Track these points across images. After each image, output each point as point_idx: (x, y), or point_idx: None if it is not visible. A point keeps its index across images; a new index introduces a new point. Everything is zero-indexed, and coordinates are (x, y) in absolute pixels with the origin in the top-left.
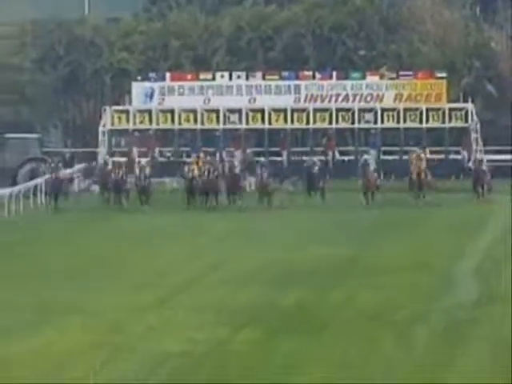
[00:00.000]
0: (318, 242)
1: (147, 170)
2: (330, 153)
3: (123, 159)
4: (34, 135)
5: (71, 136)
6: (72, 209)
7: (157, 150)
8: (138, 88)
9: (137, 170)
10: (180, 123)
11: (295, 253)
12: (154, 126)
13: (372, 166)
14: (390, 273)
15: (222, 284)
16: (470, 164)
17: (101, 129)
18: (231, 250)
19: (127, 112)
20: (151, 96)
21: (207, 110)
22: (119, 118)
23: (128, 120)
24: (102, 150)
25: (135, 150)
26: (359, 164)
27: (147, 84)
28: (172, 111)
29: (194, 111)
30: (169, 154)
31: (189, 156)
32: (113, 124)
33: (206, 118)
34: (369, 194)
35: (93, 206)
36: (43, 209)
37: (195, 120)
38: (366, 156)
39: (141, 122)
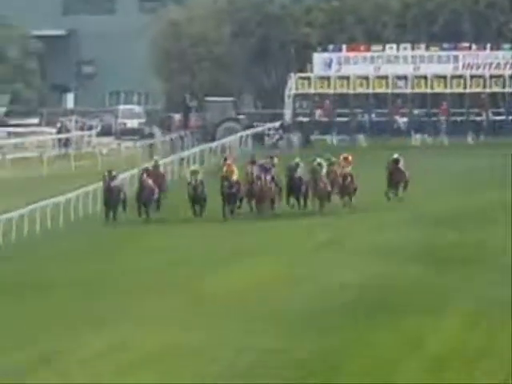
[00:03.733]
0: None
1: (199, 175)
2: (484, 113)
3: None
4: (230, 98)
5: (261, 99)
6: None
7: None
8: (318, 58)
9: (187, 175)
10: (354, 88)
11: None
12: (332, 90)
13: (324, 170)
14: None
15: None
16: None
17: (286, 93)
18: None
19: (309, 78)
20: (330, 65)
21: (378, 77)
22: (302, 84)
23: (310, 85)
24: (287, 112)
25: (318, 112)
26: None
27: (326, 54)
28: (347, 78)
29: (367, 78)
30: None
31: (363, 116)
32: (297, 89)
33: (376, 84)
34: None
35: None
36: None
37: (367, 85)
38: (297, 159)
39: (321, 87)
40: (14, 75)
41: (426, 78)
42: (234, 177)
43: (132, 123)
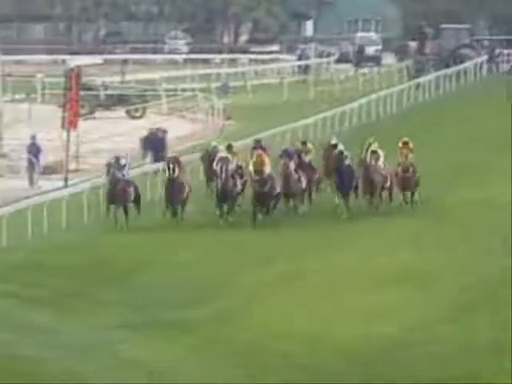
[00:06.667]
0: None
1: (231, 166)
2: None
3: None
4: (465, 25)
5: (496, 25)
6: None
7: None
8: None
9: (215, 165)
10: None
11: None
12: None
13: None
14: None
15: None
16: None
17: None
18: None
19: None
20: None
21: None
22: None
23: None
24: None
25: None
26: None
27: None
28: None
29: None
30: None
31: None
32: None
33: None
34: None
35: None
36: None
37: None
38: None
39: None
40: (255, 3)
41: None
42: (267, 170)
43: (369, 50)
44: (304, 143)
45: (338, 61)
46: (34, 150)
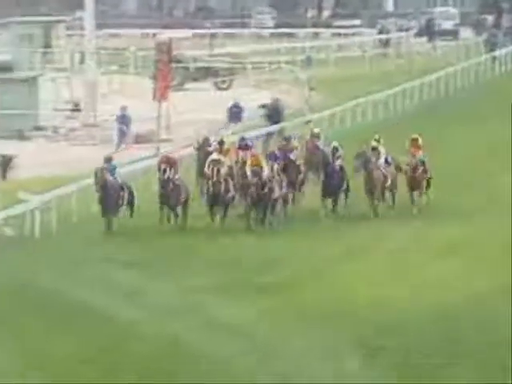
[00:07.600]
0: None
1: (223, 169)
2: None
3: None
4: None
5: None
6: None
7: None
8: None
9: (207, 169)
10: None
11: None
12: None
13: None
14: None
15: None
16: None
17: None
18: None
19: None
20: None
21: None
22: None
23: None
24: None
25: None
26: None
27: None
28: None
29: None
30: None
31: None
32: None
33: None
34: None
35: None
36: None
37: None
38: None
39: None
40: None
41: None
42: (265, 172)
43: (447, 24)
44: (288, 139)
45: (418, 35)
46: (125, 120)
